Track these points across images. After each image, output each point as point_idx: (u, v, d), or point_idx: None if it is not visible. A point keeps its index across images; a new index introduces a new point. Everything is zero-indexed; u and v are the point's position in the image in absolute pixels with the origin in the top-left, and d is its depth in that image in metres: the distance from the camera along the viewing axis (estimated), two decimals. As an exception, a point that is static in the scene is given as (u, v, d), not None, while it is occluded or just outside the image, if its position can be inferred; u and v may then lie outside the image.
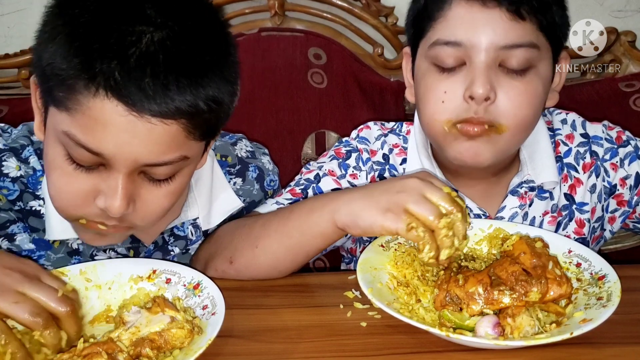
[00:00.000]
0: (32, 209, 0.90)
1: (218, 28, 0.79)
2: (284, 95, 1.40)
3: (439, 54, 0.89)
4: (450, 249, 0.75)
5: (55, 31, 0.72)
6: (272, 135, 1.37)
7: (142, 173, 0.77)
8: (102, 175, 0.75)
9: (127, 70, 0.68)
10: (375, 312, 0.80)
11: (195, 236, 0.99)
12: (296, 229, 0.86)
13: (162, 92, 0.70)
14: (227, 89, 0.77)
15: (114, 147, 0.72)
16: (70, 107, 0.71)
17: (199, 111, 0.73)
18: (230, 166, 1.04)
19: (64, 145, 0.75)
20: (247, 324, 0.79)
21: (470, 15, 0.86)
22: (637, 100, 1.43)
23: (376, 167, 1.05)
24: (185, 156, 0.77)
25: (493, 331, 0.72)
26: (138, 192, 0.77)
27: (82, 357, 0.68)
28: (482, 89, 0.85)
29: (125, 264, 0.86)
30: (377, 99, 1.44)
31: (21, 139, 0.92)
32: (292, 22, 1.47)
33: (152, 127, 0.71)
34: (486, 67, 0.86)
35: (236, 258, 0.91)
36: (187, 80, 0.71)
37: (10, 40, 1.47)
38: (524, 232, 0.88)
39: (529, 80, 0.88)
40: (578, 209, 1.03)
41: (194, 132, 0.75)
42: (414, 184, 0.77)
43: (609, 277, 0.78)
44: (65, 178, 0.76)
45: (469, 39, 0.86)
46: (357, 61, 1.47)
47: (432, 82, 0.91)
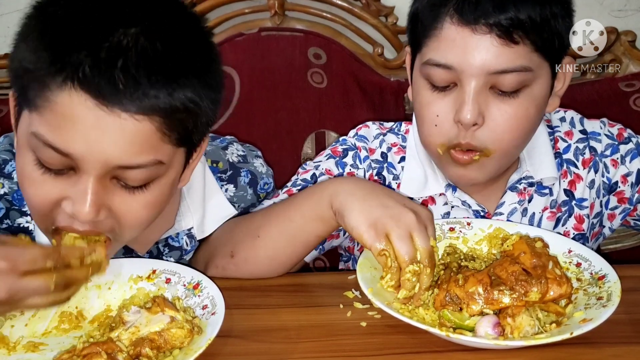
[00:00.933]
0: (19, 227, 0.88)
1: (199, 34, 0.76)
2: (284, 95, 1.40)
3: (431, 73, 0.89)
4: (410, 292, 0.76)
5: (28, 30, 0.70)
6: (271, 135, 1.37)
7: (115, 179, 0.72)
8: (71, 180, 0.71)
9: (97, 62, 0.66)
10: (375, 312, 0.80)
11: (190, 246, 0.97)
12: (297, 212, 0.87)
13: (133, 86, 0.66)
14: (208, 95, 0.74)
15: (82, 146, 0.68)
16: (39, 105, 0.68)
17: (174, 110, 0.70)
18: (221, 172, 1.02)
19: (33, 149, 0.71)
20: (246, 324, 0.79)
21: (462, 39, 0.84)
22: (637, 100, 1.43)
23: (374, 165, 1.05)
24: (159, 161, 0.72)
25: (493, 331, 0.72)
26: (111, 199, 0.73)
27: (81, 357, 0.68)
28: (470, 116, 0.85)
29: (125, 263, 0.86)
30: (377, 99, 1.43)
31: (3, 153, 0.89)
32: (292, 22, 1.46)
33: (123, 123, 0.68)
34: (475, 93, 0.85)
35: (237, 251, 0.91)
36: (160, 77, 0.68)
37: (10, 40, 1.46)
38: (524, 232, 0.88)
39: (521, 102, 0.87)
40: (577, 205, 1.03)
41: (169, 134, 0.71)
42: (409, 220, 0.77)
43: (609, 277, 0.78)
44: (34, 186, 0.73)
45: (459, 64, 0.85)
46: (357, 61, 1.47)
47: (426, 102, 0.91)
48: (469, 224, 0.92)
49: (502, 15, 0.82)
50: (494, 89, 0.86)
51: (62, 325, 0.79)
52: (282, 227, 0.88)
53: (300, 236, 0.88)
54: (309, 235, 0.88)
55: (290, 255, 0.91)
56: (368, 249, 0.79)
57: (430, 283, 0.77)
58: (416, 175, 1.02)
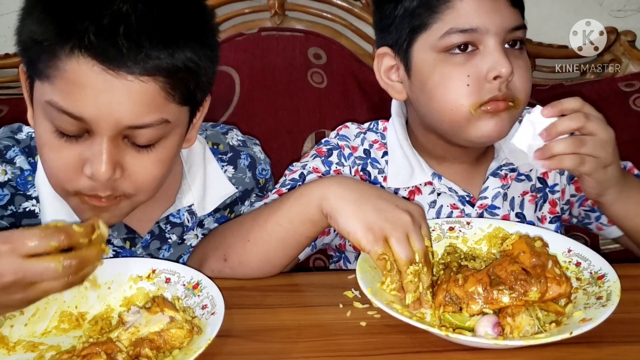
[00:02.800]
0: (25, 210, 0.91)
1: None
2: (284, 95, 1.40)
3: (453, 41, 0.92)
4: (415, 293, 0.77)
5: (33, 4, 0.76)
6: (271, 135, 1.37)
7: (126, 139, 0.78)
8: (87, 143, 0.77)
9: (100, 29, 0.71)
10: (374, 311, 0.80)
11: (191, 222, 0.99)
12: (285, 217, 0.87)
13: (136, 49, 0.72)
14: (206, 54, 0.80)
15: (94, 109, 0.74)
16: (50, 74, 0.74)
17: (176, 70, 0.76)
18: (222, 153, 1.05)
19: (49, 118, 0.77)
20: (246, 324, 0.79)
21: (480, 4, 0.92)
22: (637, 100, 1.43)
23: (359, 161, 1.07)
24: (166, 119, 0.78)
25: (493, 331, 0.72)
26: (123, 158, 0.78)
27: (81, 357, 0.68)
28: (508, 68, 0.90)
29: (125, 263, 0.86)
30: (377, 99, 1.43)
31: (4, 140, 0.92)
32: (292, 21, 1.47)
33: (130, 85, 0.73)
34: (503, 48, 0.92)
35: (229, 255, 0.91)
36: (160, 39, 0.74)
37: (10, 40, 1.45)
38: (524, 232, 0.88)
39: (526, 56, 0.98)
40: (550, 191, 1.09)
41: (172, 93, 0.77)
42: (405, 222, 0.78)
43: (608, 277, 0.78)
44: (53, 152, 0.78)
45: (484, 25, 0.91)
46: (357, 61, 1.47)
47: (451, 69, 0.93)
48: (468, 224, 0.92)
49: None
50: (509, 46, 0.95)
51: (62, 325, 0.79)
52: (271, 231, 0.89)
53: (290, 239, 0.89)
54: (299, 236, 0.89)
55: (282, 257, 0.91)
56: (367, 254, 0.79)
57: (429, 282, 0.78)
58: (402, 167, 1.05)
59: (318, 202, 0.83)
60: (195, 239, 1.02)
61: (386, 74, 1.03)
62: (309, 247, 0.99)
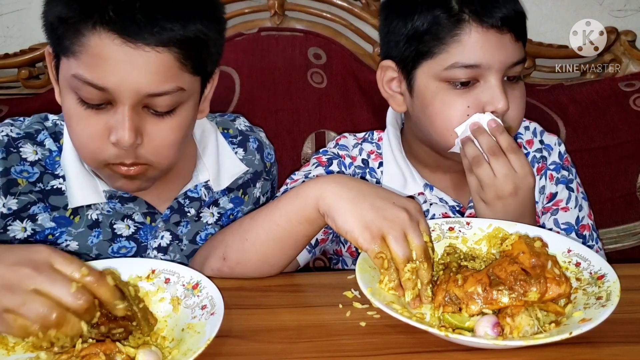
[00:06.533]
0: (52, 188, 0.97)
1: None
2: (284, 95, 1.40)
3: (457, 75, 0.96)
4: (413, 290, 0.77)
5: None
6: (271, 135, 1.36)
7: (146, 107, 0.85)
8: (110, 112, 0.84)
9: (118, 6, 0.79)
10: (374, 311, 0.80)
11: (207, 197, 1.06)
12: (283, 216, 0.88)
13: (151, 22, 0.80)
14: (214, 26, 0.88)
15: (116, 79, 0.81)
16: (76, 50, 0.81)
17: (188, 40, 0.83)
18: (232, 137, 1.12)
19: (75, 90, 0.83)
20: (245, 324, 0.79)
21: (486, 40, 0.95)
22: (637, 100, 1.43)
23: (358, 170, 1.11)
24: (181, 87, 0.85)
25: (492, 331, 0.72)
26: (144, 125, 0.85)
27: (80, 357, 0.68)
28: (504, 105, 0.96)
29: (124, 263, 0.85)
30: (377, 99, 1.43)
31: (35, 124, 0.99)
32: (291, 22, 1.47)
33: (147, 56, 0.81)
34: (502, 83, 0.97)
35: (228, 254, 0.92)
36: (173, 13, 0.81)
37: (10, 40, 1.47)
38: (523, 232, 0.88)
39: (522, 85, 1.03)
40: None
41: (186, 63, 0.84)
42: (402, 219, 0.79)
43: (608, 277, 0.78)
44: (81, 122, 0.86)
45: (487, 62, 0.95)
46: (357, 61, 1.47)
47: (452, 98, 0.98)
48: (468, 224, 0.92)
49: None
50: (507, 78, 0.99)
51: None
52: (269, 231, 0.89)
53: (287, 239, 0.89)
54: (297, 236, 0.89)
55: (280, 257, 0.91)
56: (364, 252, 0.79)
57: (429, 277, 0.78)
58: (396, 177, 1.08)
59: (315, 201, 0.84)
60: (210, 216, 1.08)
61: (388, 85, 1.06)
62: (308, 254, 1.00)
